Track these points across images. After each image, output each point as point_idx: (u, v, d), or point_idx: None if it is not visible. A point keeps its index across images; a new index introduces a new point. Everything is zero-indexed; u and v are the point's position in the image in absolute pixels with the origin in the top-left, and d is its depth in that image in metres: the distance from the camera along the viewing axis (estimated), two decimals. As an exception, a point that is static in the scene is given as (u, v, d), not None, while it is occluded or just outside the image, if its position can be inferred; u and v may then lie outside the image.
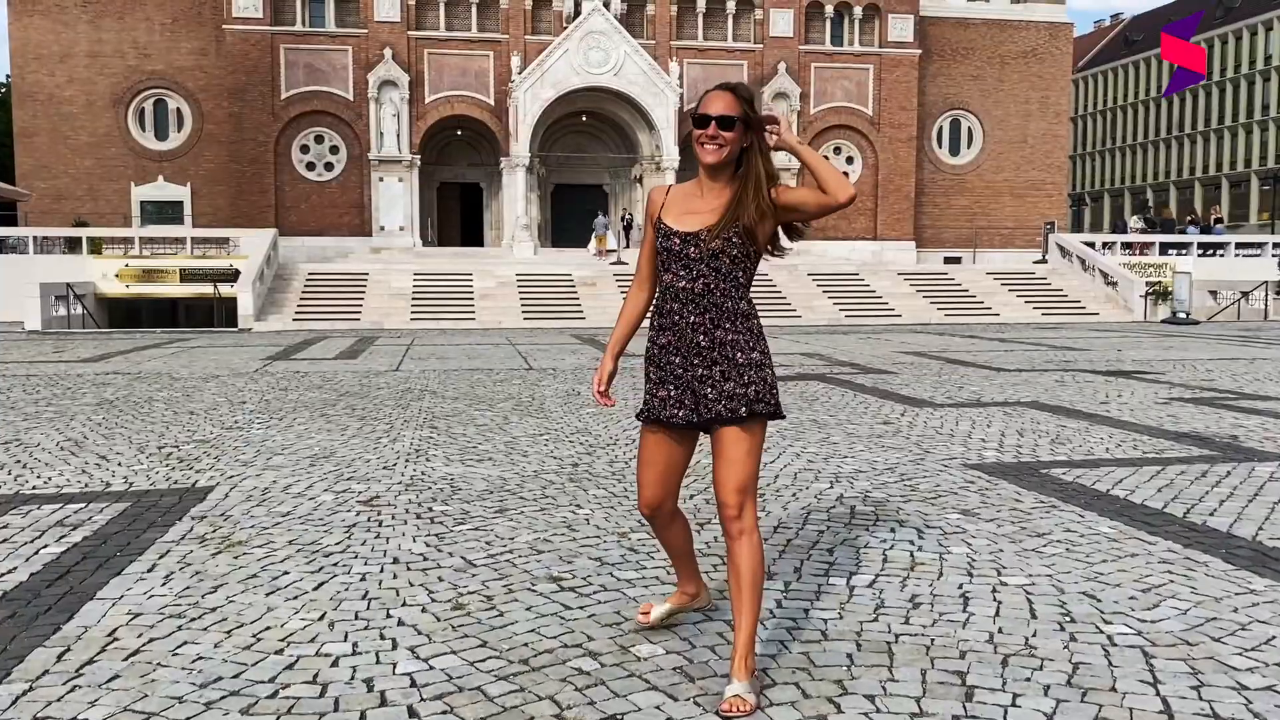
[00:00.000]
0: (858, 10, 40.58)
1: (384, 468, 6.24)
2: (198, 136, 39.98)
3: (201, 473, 6.09)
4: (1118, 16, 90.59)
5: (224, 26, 37.56)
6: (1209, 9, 75.18)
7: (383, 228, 38.50)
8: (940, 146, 44.47)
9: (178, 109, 39.92)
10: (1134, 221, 34.59)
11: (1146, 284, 28.57)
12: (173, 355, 15.80)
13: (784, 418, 2.96)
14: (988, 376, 12.04)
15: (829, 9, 40.35)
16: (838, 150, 41.36)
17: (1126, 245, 31.78)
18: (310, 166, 38.54)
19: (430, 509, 5.07)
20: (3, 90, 56.19)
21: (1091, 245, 32.34)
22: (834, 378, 11.83)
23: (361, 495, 5.40)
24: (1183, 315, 26.11)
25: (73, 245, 27.33)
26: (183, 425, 8.16)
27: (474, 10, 38.32)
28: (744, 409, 2.79)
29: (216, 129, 39.45)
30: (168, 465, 6.35)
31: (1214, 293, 28.83)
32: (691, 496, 5.26)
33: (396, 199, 38.43)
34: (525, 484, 5.69)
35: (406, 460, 6.50)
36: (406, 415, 8.72)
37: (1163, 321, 26.50)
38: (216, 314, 25.41)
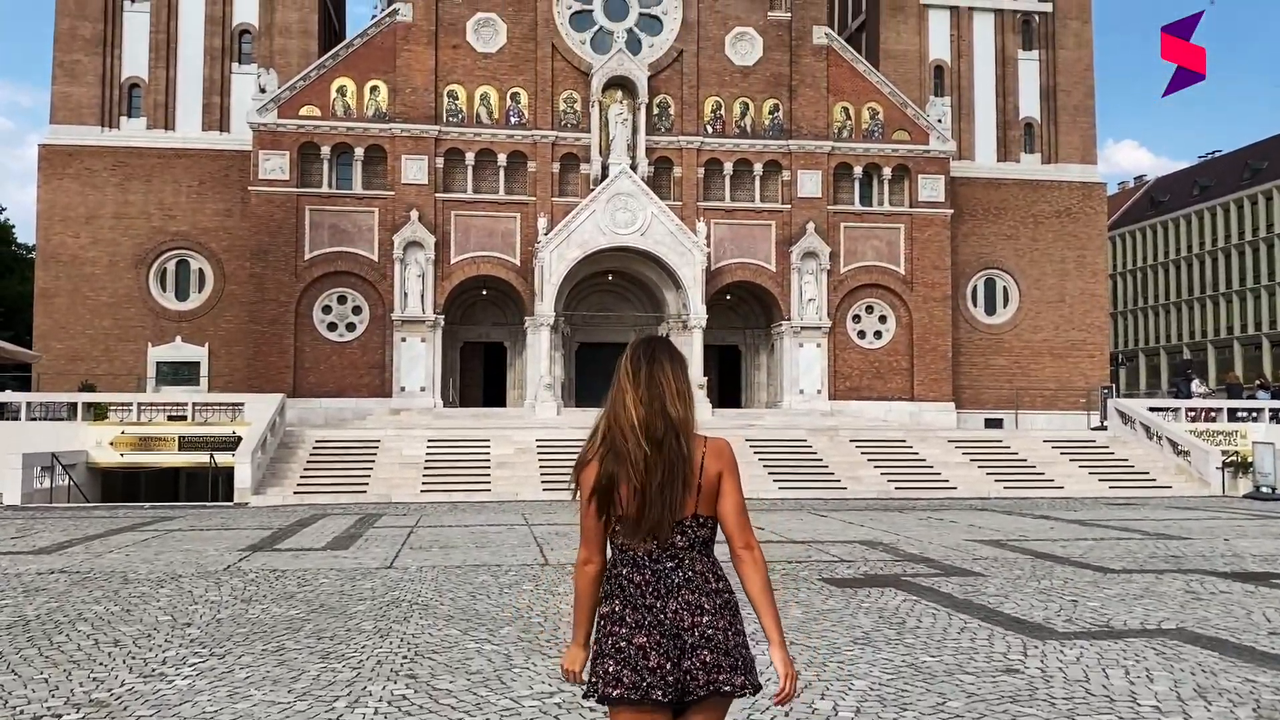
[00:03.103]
0: (886, 171, 40.11)
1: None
2: (218, 297, 39.39)
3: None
4: (1141, 179, 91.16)
5: (250, 188, 37.39)
6: (1238, 171, 75.26)
7: (403, 388, 37.28)
8: (976, 306, 43.25)
9: (200, 269, 39.49)
10: (1197, 385, 32.75)
11: (1223, 454, 26.47)
12: (144, 542, 13.97)
13: None
14: (1096, 581, 10.00)
15: (857, 170, 39.90)
16: (870, 309, 40.17)
17: (1192, 411, 29.79)
18: (331, 327, 37.67)
19: None
20: (26, 253, 56.62)
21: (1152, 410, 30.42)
22: (912, 582, 9.83)
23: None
24: (1267, 489, 23.90)
25: (74, 410, 26.02)
26: (92, 667, 6.28)
27: (501, 173, 38.08)
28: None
29: (238, 289, 38.87)
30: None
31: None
32: None
33: (418, 359, 37.35)
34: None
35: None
36: (383, 650, 6.81)
37: (1245, 497, 24.30)
38: (213, 485, 23.74)
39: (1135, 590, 9.39)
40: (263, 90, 36.81)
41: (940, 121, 40.26)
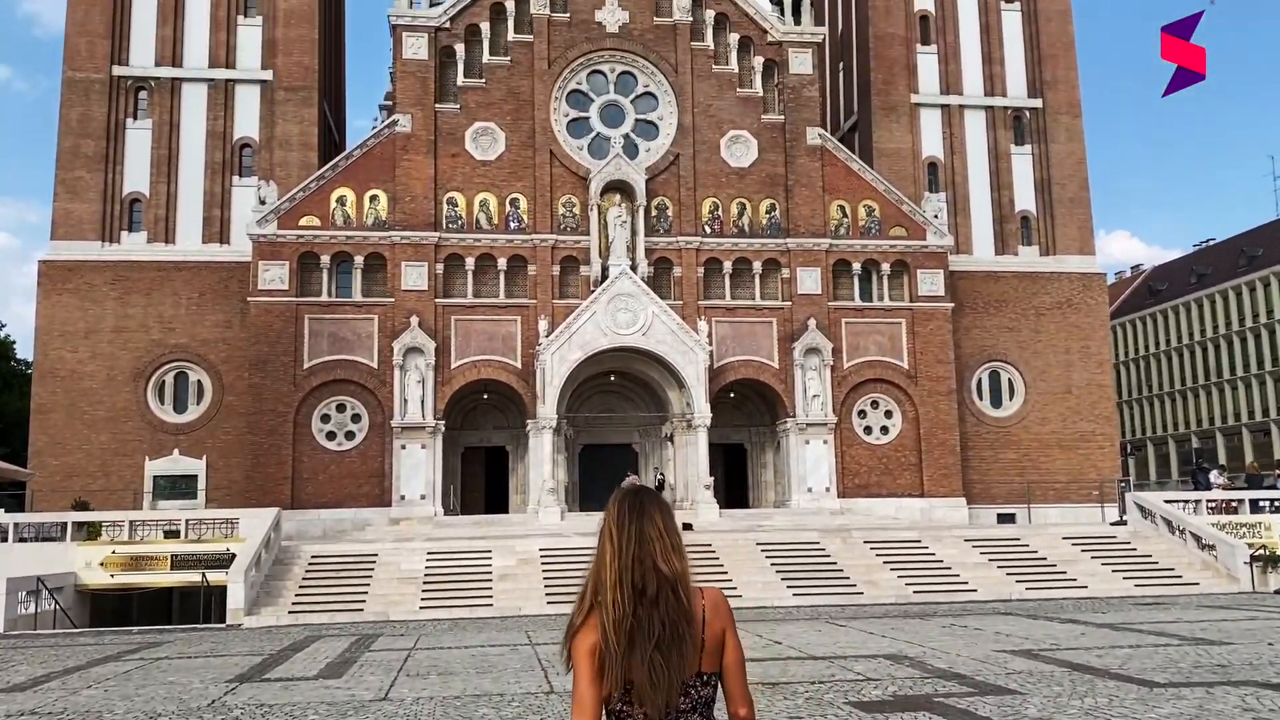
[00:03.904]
0: (885, 266, 40.12)
1: None
2: (217, 408, 38.98)
3: None
4: (1138, 268, 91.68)
5: (249, 299, 37.33)
6: (1234, 258, 75.69)
7: (403, 497, 36.61)
8: (981, 399, 42.79)
9: (198, 381, 39.17)
10: (1216, 476, 32.09)
11: (1249, 548, 25.64)
12: (125, 675, 13.20)
13: None
14: (1144, 699, 9.29)
15: (856, 266, 39.91)
16: (875, 405, 39.72)
17: (1212, 503, 29.02)
18: (330, 436, 37.18)
19: None
20: (26, 369, 56.44)
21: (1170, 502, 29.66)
22: (946, 704, 9.13)
23: None
24: (1298, 583, 23.10)
25: (65, 530, 25.32)
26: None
27: (502, 277, 38.08)
28: None
29: (236, 400, 38.50)
30: None
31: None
32: None
33: (418, 466, 36.75)
34: None
35: None
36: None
37: (1277, 593, 23.44)
38: (206, 605, 22.90)
39: (1189, 709, 8.70)
40: (263, 202, 37.04)
41: (937, 217, 40.44)
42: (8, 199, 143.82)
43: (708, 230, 39.08)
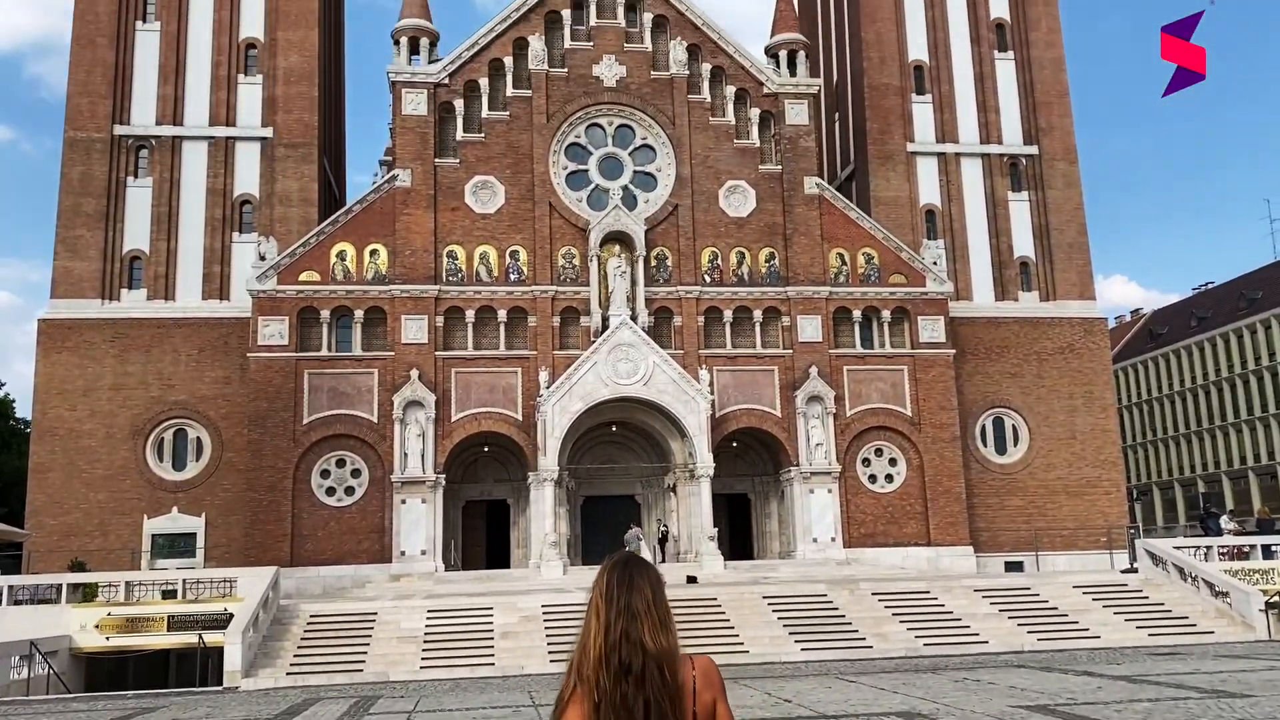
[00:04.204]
0: (886, 314, 40.06)
1: None
2: (216, 465, 38.69)
3: None
4: (1138, 312, 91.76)
5: (249, 355, 37.22)
6: (1234, 300, 75.76)
7: (403, 553, 36.20)
8: (986, 445, 42.50)
9: (197, 438, 38.91)
10: (1227, 521, 31.70)
11: (1264, 595, 25.22)
12: (118, 742, 12.86)
13: None
14: (1168, 758, 8.97)
15: (856, 313, 39.86)
16: (879, 453, 39.42)
17: (1224, 549, 28.61)
18: (330, 491, 36.86)
19: None
20: (25, 428, 56.19)
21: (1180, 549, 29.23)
22: (962, 767, 8.80)
23: None
24: (1316, 630, 22.67)
25: (61, 592, 24.92)
26: None
27: (502, 329, 38.01)
28: None
29: (236, 457, 38.23)
30: None
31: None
32: None
33: (419, 521, 36.39)
34: None
35: None
36: None
37: (1293, 639, 23.03)
38: (203, 667, 22.46)
39: (1216, 768, 8.38)
40: (262, 258, 37.09)
41: (936, 264, 40.47)
42: (12, 259, 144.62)
43: (707, 279, 39.10)
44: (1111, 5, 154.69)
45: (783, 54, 41.21)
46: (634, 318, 37.39)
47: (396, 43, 39.12)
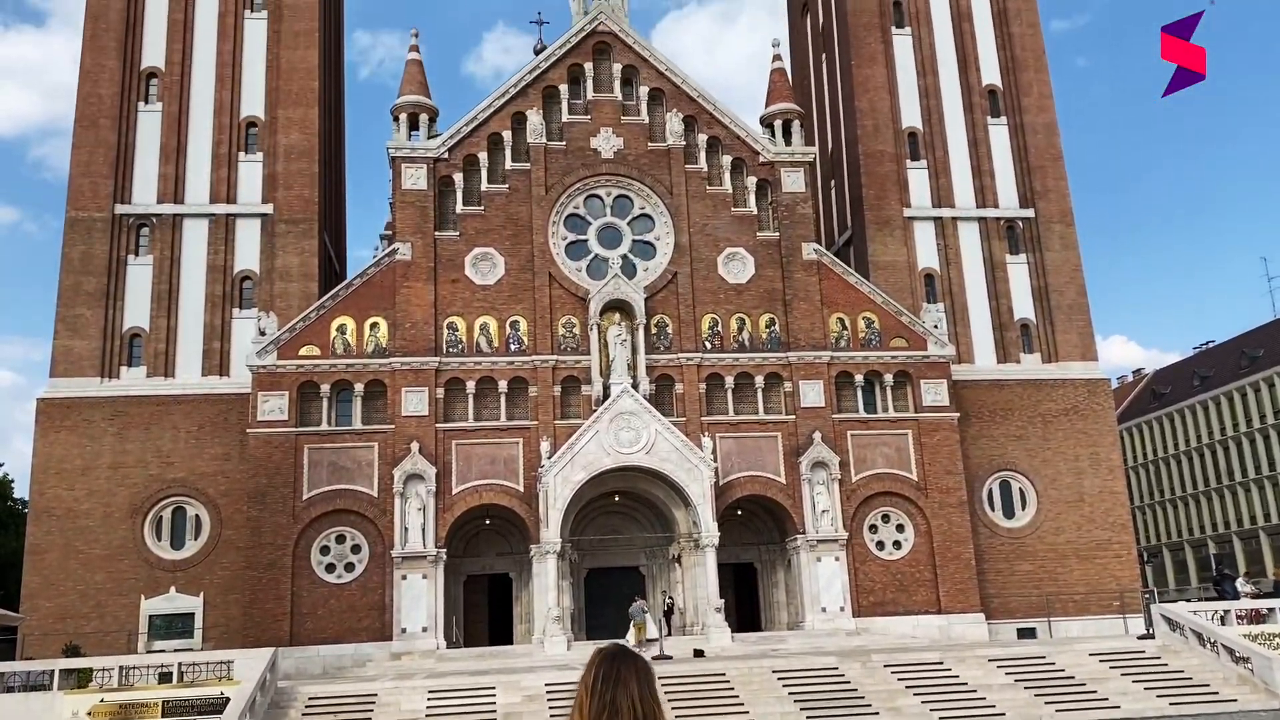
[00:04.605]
0: (888, 378, 39.91)
1: None
2: (214, 543, 38.18)
3: None
4: (1140, 372, 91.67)
5: (248, 431, 36.98)
6: (1235, 359, 75.70)
7: (404, 630, 35.55)
8: (993, 510, 42.01)
9: (196, 516, 38.47)
10: (1243, 584, 31.12)
11: (1286, 659, 24.68)
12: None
13: None
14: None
15: (858, 378, 39.71)
16: (886, 518, 38.94)
17: (1241, 613, 28.05)
18: (330, 568, 36.32)
19: None
20: (23, 509, 55.73)
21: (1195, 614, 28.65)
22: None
23: None
24: (1341, 694, 22.05)
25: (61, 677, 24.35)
26: None
27: (503, 400, 37.83)
28: None
29: (235, 534, 37.76)
30: None
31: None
32: None
33: (420, 597, 35.78)
34: None
35: None
36: None
37: (1319, 704, 22.41)
38: (197, 754, 21.86)
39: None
40: (262, 333, 37.07)
41: (937, 327, 40.46)
42: (15, 337, 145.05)
43: (708, 346, 39.05)
44: (1100, 69, 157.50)
45: (778, 123, 41.72)
46: (635, 386, 37.25)
47: (396, 119, 39.61)
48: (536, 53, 44.33)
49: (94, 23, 41.69)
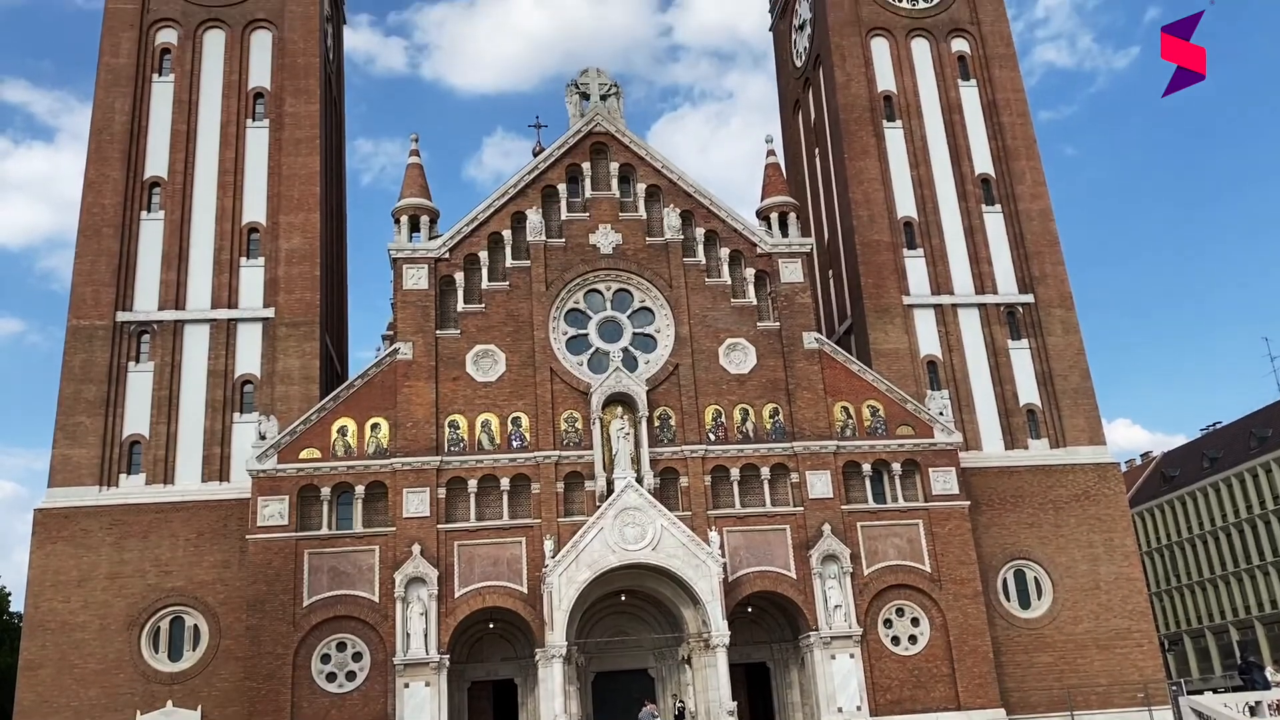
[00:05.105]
0: (896, 467, 39.43)
1: None
2: (213, 654, 37.23)
3: None
4: (1148, 455, 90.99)
5: (248, 537, 36.37)
6: (1244, 440, 75.11)
7: (407, 741, 34.38)
8: (1009, 600, 41.07)
9: (195, 626, 37.58)
10: (1272, 673, 30.12)
11: (1323, 748, 23.78)
12: None
13: None
14: None
15: (866, 467, 39.24)
16: (900, 612, 37.97)
17: (1273, 704, 27.13)
18: (330, 677, 35.32)
19: None
20: (17, 622, 54.68)
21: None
22: None
23: None
24: (1384, 786, 21.12)
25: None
26: None
27: (505, 498, 37.33)
28: None
29: (234, 644, 36.85)
30: None
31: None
32: None
33: (423, 706, 34.67)
34: None
35: None
36: None
37: (1363, 796, 21.42)
38: None
39: None
40: (263, 437, 36.80)
41: (942, 414, 40.16)
42: (17, 448, 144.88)
43: (712, 438, 38.69)
44: (1089, 156, 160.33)
45: (774, 216, 42.11)
46: (639, 480, 36.78)
47: (397, 221, 40.02)
48: (535, 155, 45.02)
49: (99, 135, 42.49)
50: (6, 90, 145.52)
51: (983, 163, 47.54)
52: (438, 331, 38.74)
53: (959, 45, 49.47)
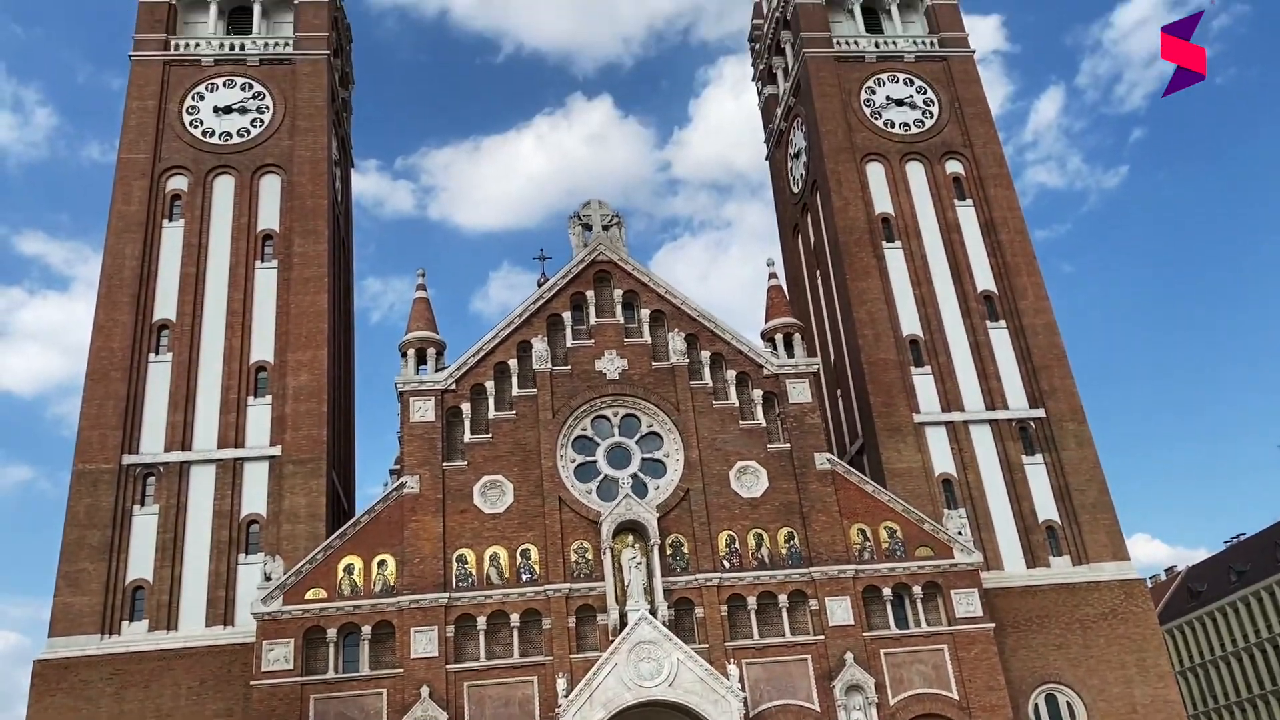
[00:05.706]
0: (917, 589, 38.34)
1: None
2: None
3: None
4: (1172, 570, 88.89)
5: (252, 683, 35.18)
6: (1270, 551, 73.40)
7: None
8: (1045, 730, 39.34)
9: (197, 785, 36.01)
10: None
11: None
12: None
13: None
14: None
15: (887, 591, 38.14)
16: (931, 747, 36.30)
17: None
18: (336, 831, 33.59)
19: None
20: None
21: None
22: None
23: None
24: None
25: None
26: None
27: (515, 634, 36.21)
28: None
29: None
30: None
31: None
32: None
33: None
34: None
35: None
36: None
37: None
38: None
39: None
40: (268, 578, 36.01)
41: (961, 533, 39.30)
42: (23, 598, 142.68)
43: (726, 565, 37.76)
44: (1087, 273, 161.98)
45: (779, 337, 42.14)
46: (653, 611, 35.72)
47: (404, 355, 40.09)
48: (540, 285, 45.45)
49: (109, 280, 43.05)
50: (25, 243, 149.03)
51: (984, 279, 47.86)
52: (445, 464, 38.32)
53: (953, 167, 50.46)
